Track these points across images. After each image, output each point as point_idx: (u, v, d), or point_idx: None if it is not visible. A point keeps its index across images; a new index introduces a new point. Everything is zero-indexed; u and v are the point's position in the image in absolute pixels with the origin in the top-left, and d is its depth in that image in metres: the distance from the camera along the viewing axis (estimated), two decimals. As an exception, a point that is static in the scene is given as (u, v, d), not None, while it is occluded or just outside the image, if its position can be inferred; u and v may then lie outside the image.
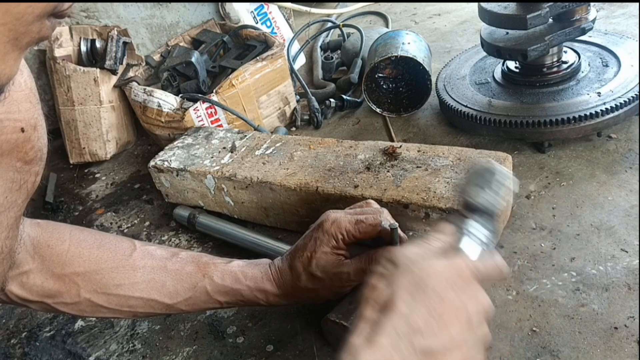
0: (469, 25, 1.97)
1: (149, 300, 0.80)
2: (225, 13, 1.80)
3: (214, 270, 0.82)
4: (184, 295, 0.81)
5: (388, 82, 1.55)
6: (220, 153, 1.24)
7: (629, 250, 0.95)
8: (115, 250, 0.80)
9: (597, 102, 1.17)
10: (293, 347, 0.92)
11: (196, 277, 0.81)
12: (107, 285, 0.78)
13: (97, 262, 0.78)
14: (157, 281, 0.80)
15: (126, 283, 0.78)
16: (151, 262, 0.81)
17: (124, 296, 0.78)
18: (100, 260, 0.78)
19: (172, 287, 0.80)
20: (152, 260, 0.81)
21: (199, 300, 0.82)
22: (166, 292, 0.80)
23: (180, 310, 0.83)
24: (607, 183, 1.10)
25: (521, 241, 1.02)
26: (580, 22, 1.20)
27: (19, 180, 0.58)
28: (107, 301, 0.78)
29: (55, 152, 1.74)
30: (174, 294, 0.80)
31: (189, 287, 0.81)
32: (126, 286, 0.78)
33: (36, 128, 0.58)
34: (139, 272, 0.79)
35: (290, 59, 1.76)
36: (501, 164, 1.00)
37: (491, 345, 0.84)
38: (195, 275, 0.81)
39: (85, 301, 0.78)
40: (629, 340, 0.81)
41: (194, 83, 1.56)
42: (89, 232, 0.84)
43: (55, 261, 0.76)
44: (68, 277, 0.77)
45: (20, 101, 0.57)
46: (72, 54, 1.61)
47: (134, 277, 0.79)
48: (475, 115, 1.26)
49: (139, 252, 0.81)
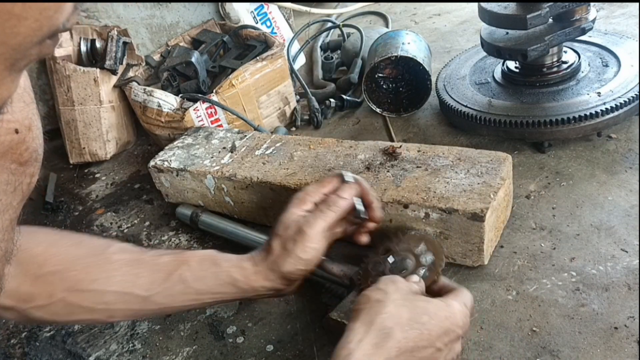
0: (469, 25, 1.97)
1: (124, 294, 0.77)
2: (225, 13, 1.80)
3: (191, 257, 0.81)
4: (160, 285, 0.78)
5: (388, 82, 1.55)
6: (220, 153, 1.24)
7: (629, 250, 0.95)
8: (91, 246, 0.79)
9: (597, 102, 1.18)
10: (293, 347, 0.92)
11: (172, 265, 0.79)
12: (82, 281, 0.76)
13: (72, 259, 0.76)
14: (132, 273, 0.77)
15: (101, 277, 0.76)
16: (127, 255, 0.79)
17: (99, 291, 0.76)
18: (76, 257, 0.77)
19: (147, 278, 0.78)
20: (128, 254, 0.79)
21: (176, 291, 0.79)
22: (141, 283, 0.77)
23: (157, 304, 0.79)
24: (607, 183, 1.10)
25: (521, 241, 1.02)
26: (580, 22, 1.20)
27: (14, 182, 0.57)
28: (82, 299, 0.76)
29: (55, 152, 1.74)
30: (150, 285, 0.78)
31: (164, 276, 0.78)
32: (101, 280, 0.76)
33: (31, 128, 0.57)
34: (115, 265, 0.77)
35: (290, 59, 1.76)
36: (501, 164, 1.00)
37: (491, 345, 0.84)
38: (171, 263, 0.79)
39: (59, 302, 0.75)
40: (629, 340, 0.81)
41: (194, 83, 1.56)
42: (66, 233, 0.83)
43: (31, 263, 0.74)
44: (44, 277, 0.75)
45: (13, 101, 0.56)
46: (72, 54, 1.61)
47: (109, 271, 0.77)
48: (475, 115, 1.26)
49: (115, 247, 0.80)
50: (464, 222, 0.92)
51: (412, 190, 0.98)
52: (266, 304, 1.02)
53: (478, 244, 0.93)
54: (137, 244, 1.26)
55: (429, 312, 0.66)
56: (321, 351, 0.90)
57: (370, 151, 1.12)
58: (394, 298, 0.66)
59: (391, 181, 1.02)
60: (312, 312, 0.98)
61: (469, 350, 0.84)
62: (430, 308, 0.67)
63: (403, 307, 0.66)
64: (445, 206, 0.93)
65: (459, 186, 0.97)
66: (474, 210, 0.91)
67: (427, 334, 0.64)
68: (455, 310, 0.69)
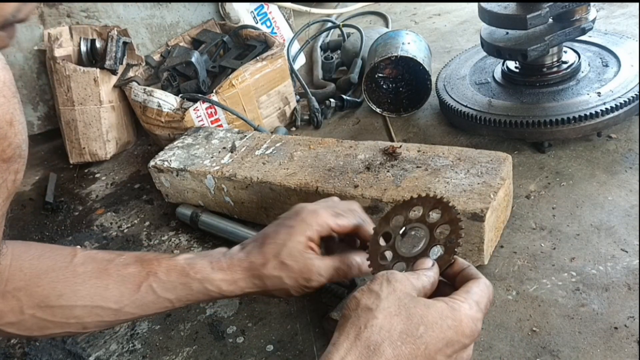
0: (469, 25, 1.97)
1: (94, 307, 0.75)
2: (225, 13, 1.80)
3: (158, 267, 0.77)
4: (129, 297, 0.75)
5: (388, 82, 1.55)
6: (220, 153, 1.24)
7: (629, 250, 0.95)
8: (55, 259, 0.76)
9: (597, 102, 1.18)
10: (293, 347, 0.92)
11: (140, 276, 0.76)
12: (49, 297, 0.73)
13: (37, 274, 0.74)
14: (100, 286, 0.75)
15: (68, 292, 0.74)
16: (92, 267, 0.76)
17: (68, 306, 0.74)
18: (40, 272, 0.74)
19: (116, 291, 0.75)
20: (92, 264, 0.76)
21: (147, 301, 0.76)
22: (110, 296, 0.75)
23: (131, 314, 0.77)
24: (607, 183, 1.10)
25: (521, 241, 1.02)
26: (580, 22, 1.20)
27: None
28: (52, 314, 0.73)
29: (55, 152, 1.74)
30: (119, 298, 0.75)
31: (133, 288, 0.76)
32: (68, 295, 0.73)
33: (12, 124, 0.54)
34: (80, 279, 0.74)
35: (290, 59, 1.76)
36: (501, 164, 1.00)
37: (491, 345, 0.84)
38: (138, 275, 0.76)
39: (30, 318, 0.73)
40: (629, 340, 0.81)
41: (194, 83, 1.56)
42: (32, 244, 0.79)
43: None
44: (10, 293, 0.72)
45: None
46: (72, 54, 1.61)
47: (74, 285, 0.74)
48: (475, 115, 1.26)
49: (79, 257, 0.77)
50: (464, 222, 0.92)
51: (412, 191, 0.98)
52: (266, 304, 1.02)
53: (478, 244, 0.93)
54: (137, 244, 1.26)
55: (427, 321, 0.57)
56: (321, 351, 0.90)
57: (370, 151, 1.12)
58: (386, 305, 0.57)
59: (391, 181, 1.02)
60: (312, 312, 0.98)
61: (469, 350, 0.84)
62: (430, 316, 0.57)
63: (396, 316, 0.56)
64: (445, 206, 0.93)
65: (459, 186, 0.97)
66: (474, 210, 0.91)
67: (424, 348, 0.55)
68: (461, 317, 0.58)
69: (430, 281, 0.64)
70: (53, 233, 1.37)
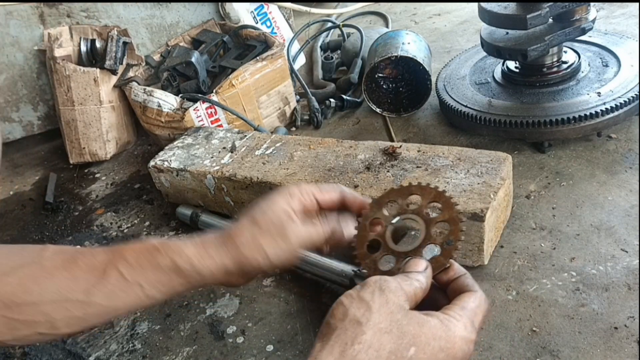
0: (469, 25, 1.97)
1: (62, 301, 0.71)
2: (225, 13, 1.80)
3: (127, 251, 0.72)
4: (97, 286, 0.70)
5: (388, 82, 1.55)
6: (220, 153, 1.24)
7: (629, 250, 0.95)
8: (23, 256, 0.74)
9: (597, 102, 1.18)
10: (293, 347, 0.92)
11: (108, 262, 0.72)
12: (16, 294, 0.70)
13: (4, 272, 0.71)
14: (68, 278, 0.71)
15: (35, 288, 0.71)
16: (61, 260, 0.72)
17: (35, 303, 0.70)
18: (8, 270, 0.71)
19: (83, 281, 0.71)
20: (62, 258, 0.73)
21: (116, 288, 0.71)
22: (78, 287, 0.70)
23: (101, 306, 0.72)
24: (607, 183, 1.10)
25: (521, 241, 1.02)
26: (580, 22, 1.20)
27: None
28: (19, 312, 0.70)
29: (55, 152, 1.74)
30: (87, 288, 0.70)
31: (100, 274, 0.71)
32: (35, 291, 0.70)
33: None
34: (48, 273, 0.71)
35: (290, 59, 1.76)
36: (501, 164, 1.00)
37: (491, 345, 0.84)
38: (107, 261, 0.72)
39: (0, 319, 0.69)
40: (629, 340, 0.81)
41: (194, 83, 1.56)
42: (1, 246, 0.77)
43: None
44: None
45: None
46: (72, 54, 1.61)
47: (42, 279, 0.71)
48: (475, 115, 1.26)
49: (49, 252, 0.74)
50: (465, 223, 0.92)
51: (412, 190, 0.98)
52: (266, 304, 1.02)
53: (478, 244, 0.93)
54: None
55: (419, 342, 0.53)
56: (321, 351, 0.90)
57: (370, 151, 1.12)
58: (377, 320, 0.53)
59: (391, 181, 1.02)
60: (312, 312, 0.98)
61: (469, 350, 0.84)
62: (423, 336, 0.53)
63: (387, 334, 0.52)
64: (445, 206, 0.93)
65: (459, 186, 0.97)
66: (474, 210, 0.91)
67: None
68: (455, 339, 0.55)
69: (422, 287, 0.59)
70: (53, 233, 1.37)
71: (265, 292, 1.04)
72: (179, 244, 0.71)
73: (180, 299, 1.06)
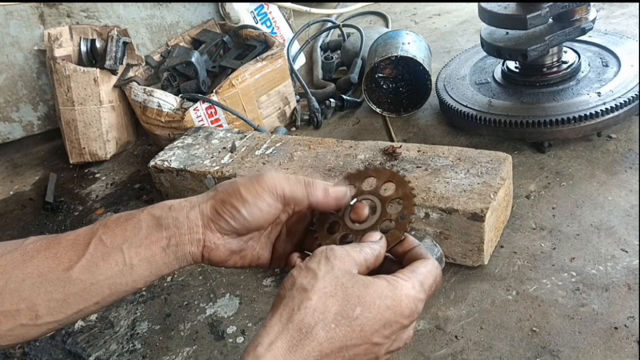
0: (469, 25, 1.97)
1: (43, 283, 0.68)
2: (225, 13, 1.80)
3: (109, 219, 0.69)
4: (78, 259, 0.67)
5: (388, 82, 1.55)
6: (220, 153, 1.24)
7: (629, 250, 0.95)
8: (5, 246, 0.71)
9: (597, 102, 1.18)
10: (293, 347, 0.92)
11: (89, 233, 0.68)
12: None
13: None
14: (48, 256, 0.68)
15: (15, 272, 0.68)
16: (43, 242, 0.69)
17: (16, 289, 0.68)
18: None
19: (65, 258, 0.68)
20: (44, 239, 0.70)
21: (96, 258, 0.67)
22: (59, 265, 0.67)
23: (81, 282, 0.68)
24: (607, 183, 1.10)
25: (521, 241, 1.02)
26: (580, 22, 1.20)
27: None
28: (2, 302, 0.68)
29: (55, 152, 1.74)
30: (68, 263, 0.67)
31: (82, 247, 0.68)
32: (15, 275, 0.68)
33: None
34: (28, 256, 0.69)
35: (290, 59, 1.76)
36: (501, 164, 1.00)
37: (491, 345, 0.84)
38: (89, 233, 0.68)
39: None
40: (629, 340, 0.81)
41: (194, 83, 1.56)
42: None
43: None
44: None
45: None
46: (72, 54, 1.61)
47: (23, 263, 0.68)
48: (475, 115, 1.26)
49: (32, 238, 0.71)
50: (464, 222, 0.92)
51: (412, 190, 0.98)
52: (266, 304, 1.02)
53: (478, 244, 0.93)
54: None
55: (364, 301, 0.55)
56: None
57: (370, 151, 1.12)
58: (322, 285, 0.54)
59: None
60: (312, 312, 0.98)
61: (469, 350, 0.84)
62: (368, 296, 0.55)
63: (332, 297, 0.54)
64: (445, 206, 0.93)
65: (459, 186, 0.97)
66: (474, 210, 0.91)
67: (359, 330, 0.54)
68: (401, 297, 0.56)
69: (375, 254, 0.60)
70: (53, 233, 1.37)
71: (265, 292, 1.04)
72: (164, 202, 0.68)
73: (180, 298, 1.06)
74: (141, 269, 0.68)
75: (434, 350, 0.85)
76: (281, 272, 1.08)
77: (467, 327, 0.88)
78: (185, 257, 0.68)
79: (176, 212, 0.66)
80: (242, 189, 0.65)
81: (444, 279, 0.97)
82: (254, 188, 0.65)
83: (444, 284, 0.96)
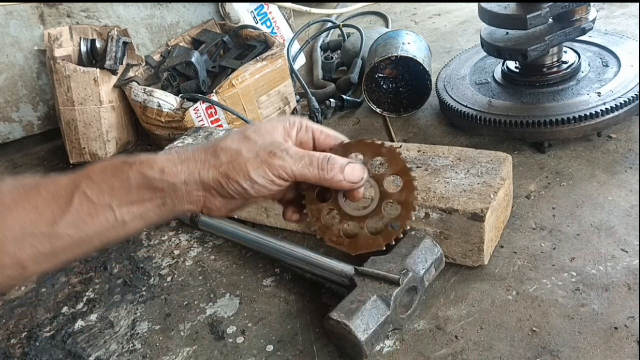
0: (469, 25, 1.97)
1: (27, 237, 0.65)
2: (225, 13, 1.80)
3: (92, 169, 0.67)
4: (62, 214, 0.64)
5: (388, 82, 1.55)
6: (220, 153, 1.24)
7: (629, 250, 0.95)
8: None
9: (597, 102, 1.18)
10: (293, 347, 0.92)
11: (72, 185, 0.65)
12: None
13: None
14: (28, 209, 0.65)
15: None
16: (20, 190, 0.66)
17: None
18: None
19: (46, 209, 0.65)
20: (21, 188, 0.66)
21: (82, 214, 0.65)
22: (40, 218, 0.64)
23: (68, 236, 0.66)
24: (607, 183, 1.10)
25: (521, 241, 1.02)
26: (580, 22, 1.20)
27: None
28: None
29: (55, 152, 1.74)
30: (51, 217, 0.64)
31: (65, 200, 0.65)
32: None
33: None
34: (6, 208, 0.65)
35: (290, 59, 1.76)
36: (501, 164, 1.00)
37: (491, 345, 0.84)
38: (73, 186, 0.65)
39: None
40: (629, 340, 0.81)
41: (194, 83, 1.56)
42: None
43: None
44: None
45: None
46: (72, 54, 1.61)
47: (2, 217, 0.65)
48: (475, 115, 1.26)
49: (7, 185, 0.68)
50: (464, 222, 0.92)
51: (412, 190, 0.98)
52: (266, 304, 1.02)
53: (478, 244, 0.93)
54: (137, 244, 1.26)
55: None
56: (321, 351, 0.90)
57: (370, 151, 1.11)
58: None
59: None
60: (312, 312, 0.98)
61: (469, 350, 0.84)
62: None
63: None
64: (445, 206, 0.93)
65: (459, 186, 0.97)
66: (474, 210, 0.91)
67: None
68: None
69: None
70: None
71: (265, 292, 1.04)
72: (152, 156, 0.66)
73: (180, 299, 1.06)
74: (134, 224, 0.67)
75: (434, 350, 0.86)
76: (281, 272, 1.08)
77: (467, 327, 0.88)
78: (182, 212, 0.69)
79: (171, 177, 0.65)
80: (250, 168, 0.65)
81: (444, 278, 0.97)
82: (263, 170, 0.65)
83: (444, 284, 0.96)
